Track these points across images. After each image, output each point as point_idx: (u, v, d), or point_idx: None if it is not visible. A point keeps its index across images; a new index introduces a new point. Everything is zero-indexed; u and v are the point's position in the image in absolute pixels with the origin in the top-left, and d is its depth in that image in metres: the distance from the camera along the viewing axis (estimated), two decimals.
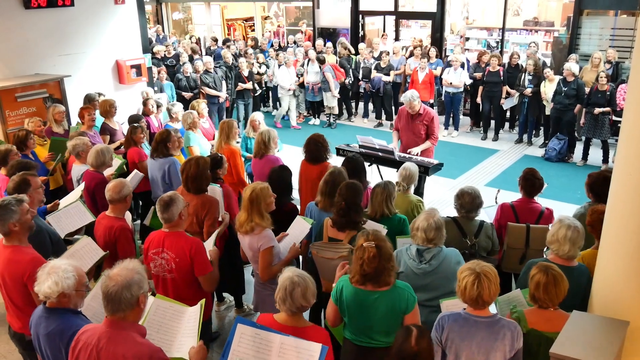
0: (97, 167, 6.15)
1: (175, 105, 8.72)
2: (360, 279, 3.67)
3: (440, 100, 13.14)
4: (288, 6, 19.38)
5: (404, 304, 3.68)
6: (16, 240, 4.14)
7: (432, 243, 4.17)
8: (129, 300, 3.00)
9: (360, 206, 4.72)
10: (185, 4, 22.23)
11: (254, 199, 4.55)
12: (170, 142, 6.61)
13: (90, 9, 10.19)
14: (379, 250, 3.60)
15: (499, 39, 14.25)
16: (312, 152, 6.25)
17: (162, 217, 4.40)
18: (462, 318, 3.42)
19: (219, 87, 12.36)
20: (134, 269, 3.09)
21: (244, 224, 4.56)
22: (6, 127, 8.34)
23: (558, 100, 10.54)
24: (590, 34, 12.58)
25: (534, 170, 5.41)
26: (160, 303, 3.80)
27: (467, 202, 4.96)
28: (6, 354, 5.68)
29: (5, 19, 9.01)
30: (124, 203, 4.94)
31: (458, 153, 11.60)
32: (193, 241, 4.39)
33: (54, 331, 3.32)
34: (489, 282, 3.29)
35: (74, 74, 9.70)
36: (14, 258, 4.03)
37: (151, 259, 4.44)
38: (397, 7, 15.59)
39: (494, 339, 3.32)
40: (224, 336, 5.88)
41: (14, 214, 4.08)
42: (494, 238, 4.99)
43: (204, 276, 4.38)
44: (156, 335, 3.63)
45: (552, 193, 8.00)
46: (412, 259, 4.21)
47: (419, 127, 8.04)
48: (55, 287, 3.25)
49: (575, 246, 4.07)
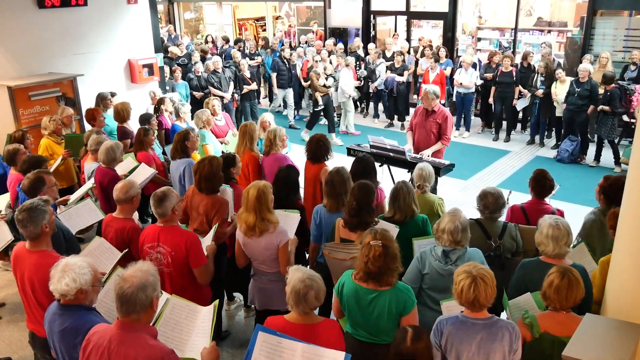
0: (108, 164, 6.19)
1: (184, 105, 8.74)
2: (363, 276, 3.71)
3: (451, 100, 13.11)
4: (299, 6, 19.38)
5: (402, 306, 3.70)
6: (44, 244, 4.10)
7: (459, 245, 4.16)
8: (144, 302, 3.00)
9: (372, 206, 4.70)
10: (197, 3, 22.29)
11: (261, 196, 4.49)
12: (189, 141, 6.61)
13: (103, 8, 10.26)
14: (385, 249, 3.62)
15: (511, 39, 14.18)
16: (312, 151, 6.20)
17: (156, 212, 4.49)
18: (460, 321, 3.41)
19: (225, 87, 12.36)
20: (148, 271, 3.09)
21: (256, 225, 4.49)
22: (20, 125, 8.39)
23: (571, 101, 10.47)
24: (604, 34, 12.47)
25: (544, 171, 5.36)
26: (177, 302, 3.83)
27: (490, 202, 4.91)
28: (18, 350, 5.73)
29: (20, 18, 9.09)
30: (132, 204, 4.94)
31: (469, 154, 11.56)
32: (188, 234, 4.48)
33: (69, 328, 3.33)
34: (485, 285, 3.27)
35: (87, 73, 9.77)
36: (43, 262, 3.90)
37: (147, 252, 4.51)
38: (409, 7, 15.55)
39: (493, 340, 3.31)
40: (233, 335, 5.91)
41: (46, 214, 4.07)
42: (519, 239, 4.91)
43: (198, 268, 4.44)
44: (171, 333, 3.65)
45: (564, 195, 7.94)
46: (437, 260, 4.19)
47: (432, 124, 8.01)
48: (74, 284, 3.27)
49: (559, 244, 4.05)
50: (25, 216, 4.01)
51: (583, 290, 3.54)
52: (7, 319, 6.27)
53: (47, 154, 7.29)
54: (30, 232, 4.05)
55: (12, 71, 9.08)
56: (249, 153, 6.79)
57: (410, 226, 4.92)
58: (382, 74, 13.37)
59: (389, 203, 5.11)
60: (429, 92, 7.90)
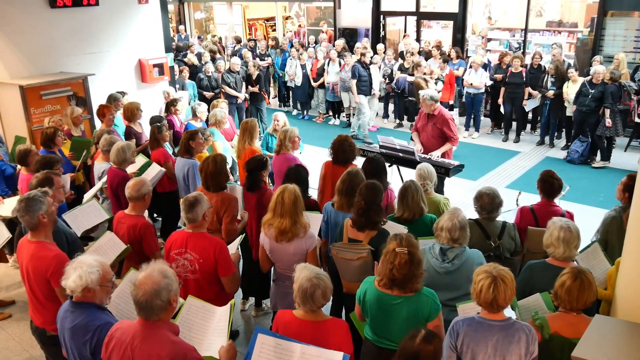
0: (119, 164, 6.22)
1: (201, 105, 8.77)
2: (387, 282, 3.65)
3: (461, 101, 13.07)
4: (309, 6, 19.41)
5: (427, 312, 3.65)
6: (42, 235, 4.17)
7: (457, 243, 4.16)
8: (161, 306, 3.01)
9: (380, 206, 4.69)
10: (207, 3, 22.37)
11: (297, 200, 4.48)
12: (194, 141, 6.64)
13: (115, 8, 10.30)
14: (411, 257, 3.57)
15: (522, 40, 14.14)
16: (338, 153, 6.14)
17: (186, 216, 4.40)
18: (477, 322, 3.38)
19: (240, 88, 12.42)
20: (161, 272, 3.06)
21: (290, 229, 4.46)
22: (31, 125, 8.45)
23: (582, 102, 10.42)
24: (615, 35, 12.42)
25: (551, 172, 5.33)
26: (193, 302, 3.84)
27: (486, 203, 4.93)
28: (28, 347, 5.77)
29: (32, 17, 9.14)
30: (143, 201, 4.98)
31: (479, 154, 11.53)
32: (217, 242, 4.38)
33: (79, 325, 3.35)
34: (505, 286, 3.25)
35: (97, 72, 9.82)
36: (38, 254, 4.06)
37: (173, 259, 4.42)
38: (419, 8, 15.53)
39: (509, 342, 3.29)
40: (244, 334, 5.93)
41: (43, 205, 4.13)
42: (517, 238, 4.95)
43: (227, 277, 4.37)
44: (187, 333, 3.67)
45: (574, 196, 7.91)
46: (435, 258, 4.20)
47: (433, 128, 7.98)
48: (79, 281, 3.28)
49: (570, 247, 4.04)
50: (22, 206, 4.09)
51: (595, 292, 3.52)
52: (17, 317, 6.32)
53: None
54: (27, 222, 4.13)
55: (24, 70, 9.14)
56: (250, 148, 6.86)
57: (418, 225, 4.92)
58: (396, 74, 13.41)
59: (398, 202, 5.11)
60: (426, 97, 7.84)
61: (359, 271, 4.42)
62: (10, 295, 6.72)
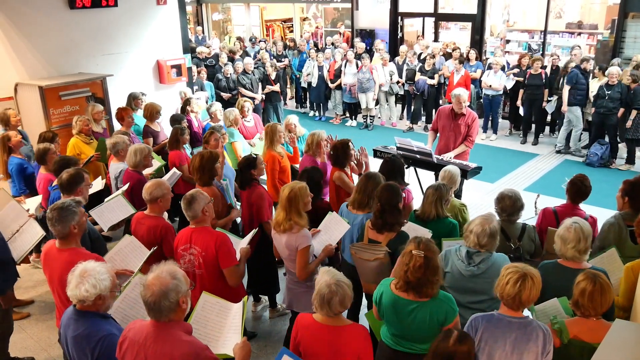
0: (135, 167, 6.25)
1: (213, 104, 8.81)
2: (403, 285, 3.61)
3: (479, 103, 12.99)
4: (327, 7, 19.41)
5: (443, 316, 3.60)
6: (73, 242, 4.18)
7: (484, 248, 4.11)
8: (169, 307, 3.01)
9: (398, 208, 4.62)
10: (225, 5, 22.45)
11: (292, 198, 4.58)
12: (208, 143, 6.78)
13: (133, 9, 10.35)
14: (426, 261, 3.51)
15: (541, 41, 14.02)
16: (332, 155, 6.21)
17: (187, 214, 4.56)
18: (496, 319, 3.39)
19: (255, 88, 12.43)
20: (170, 273, 3.07)
21: (282, 222, 4.60)
22: (50, 125, 8.51)
23: (601, 104, 10.33)
24: (635, 37, 12.28)
25: (584, 177, 5.28)
26: (208, 299, 3.87)
27: (507, 205, 4.90)
28: (47, 347, 5.81)
29: (51, 18, 9.21)
30: (162, 203, 5.00)
31: (497, 157, 11.45)
32: (218, 234, 4.54)
33: (82, 335, 3.34)
34: (532, 284, 3.27)
35: (116, 73, 9.86)
36: (75, 260, 3.83)
37: (180, 255, 4.57)
38: (437, 9, 15.47)
39: (527, 339, 3.29)
40: (259, 336, 5.92)
41: (75, 216, 4.13)
42: (537, 240, 4.93)
43: (228, 269, 4.46)
44: (203, 330, 3.69)
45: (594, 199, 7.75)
46: (460, 260, 4.17)
47: (461, 127, 7.97)
48: (94, 290, 3.27)
49: (566, 246, 4.02)
50: (55, 215, 4.08)
51: (613, 293, 3.49)
52: (36, 317, 6.36)
53: (74, 152, 7.39)
54: (59, 232, 4.12)
55: (43, 71, 9.21)
56: (270, 152, 6.90)
57: (440, 226, 4.93)
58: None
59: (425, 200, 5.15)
60: (461, 96, 7.87)
61: (375, 272, 4.43)
62: (30, 295, 6.76)
